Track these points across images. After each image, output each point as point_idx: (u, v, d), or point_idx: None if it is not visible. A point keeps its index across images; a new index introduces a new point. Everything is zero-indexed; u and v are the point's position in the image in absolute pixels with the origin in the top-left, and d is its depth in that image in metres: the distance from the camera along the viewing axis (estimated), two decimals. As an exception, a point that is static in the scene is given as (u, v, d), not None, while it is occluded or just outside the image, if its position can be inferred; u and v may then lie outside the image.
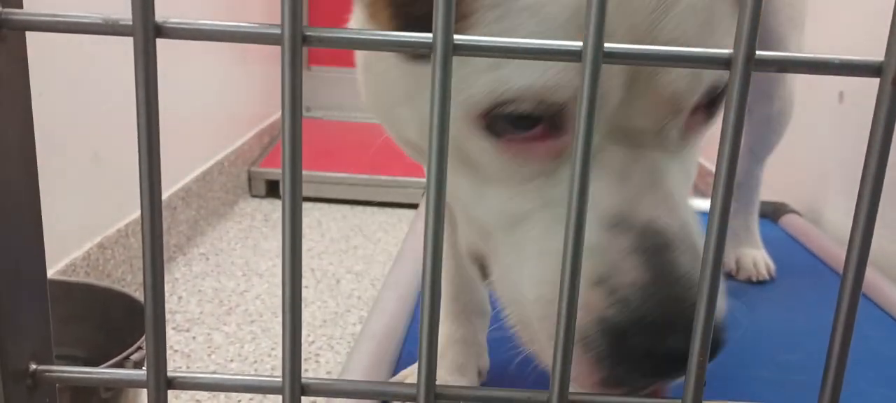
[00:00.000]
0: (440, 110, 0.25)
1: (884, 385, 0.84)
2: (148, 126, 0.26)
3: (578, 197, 0.26)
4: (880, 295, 1.05)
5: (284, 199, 0.26)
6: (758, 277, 1.12)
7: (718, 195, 0.26)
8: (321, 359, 1.34)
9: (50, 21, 0.26)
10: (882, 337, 0.96)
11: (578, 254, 0.27)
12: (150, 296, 0.28)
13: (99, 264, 1.40)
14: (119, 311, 1.01)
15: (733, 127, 0.25)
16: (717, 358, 0.37)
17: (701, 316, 0.27)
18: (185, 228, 1.80)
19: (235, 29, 0.25)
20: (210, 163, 1.98)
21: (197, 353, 1.34)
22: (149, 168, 0.26)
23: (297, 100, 0.25)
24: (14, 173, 0.30)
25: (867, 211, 0.26)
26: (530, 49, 0.26)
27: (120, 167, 1.45)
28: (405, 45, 0.26)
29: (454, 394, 0.29)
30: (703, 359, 0.27)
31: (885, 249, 1.22)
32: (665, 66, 0.28)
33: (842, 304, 0.27)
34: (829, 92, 1.46)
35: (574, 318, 0.27)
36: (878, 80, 0.25)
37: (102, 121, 1.40)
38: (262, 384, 0.29)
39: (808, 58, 0.25)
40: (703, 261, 0.27)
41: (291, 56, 0.25)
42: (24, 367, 0.31)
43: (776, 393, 0.81)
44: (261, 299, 1.56)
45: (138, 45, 0.25)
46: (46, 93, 1.21)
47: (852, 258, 0.27)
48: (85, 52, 1.33)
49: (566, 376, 0.28)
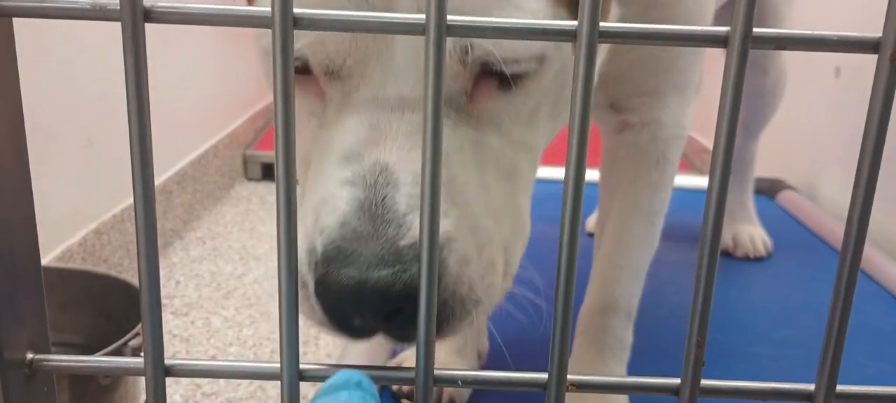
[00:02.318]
0: (434, 93, 0.25)
1: (880, 359, 0.85)
2: (138, 111, 0.25)
3: (574, 197, 0.26)
4: (876, 269, 1.06)
5: (278, 182, 0.26)
6: (755, 254, 1.12)
7: (716, 173, 0.26)
8: (320, 342, 1.35)
9: (37, 7, 0.26)
10: (878, 312, 0.96)
11: (574, 254, 0.26)
12: (145, 287, 0.27)
13: (95, 250, 1.39)
14: (117, 297, 1.01)
15: (731, 105, 0.25)
16: (714, 338, 0.36)
17: (699, 297, 0.27)
18: (181, 212, 1.80)
19: (225, 12, 0.25)
20: (205, 146, 1.97)
21: (196, 337, 1.34)
22: (140, 152, 0.26)
23: (290, 84, 0.25)
24: (5, 161, 0.30)
25: (865, 186, 0.26)
26: (525, 28, 0.26)
27: (114, 152, 1.44)
28: (394, 26, 0.26)
29: (453, 377, 0.29)
30: (701, 339, 0.27)
31: (880, 224, 1.22)
32: (661, 44, 0.27)
33: (841, 280, 0.27)
34: (826, 67, 1.46)
35: (570, 307, 0.27)
36: (876, 56, 0.25)
37: (95, 106, 1.39)
38: (260, 370, 0.29)
39: (805, 35, 0.25)
40: (702, 238, 0.27)
41: (282, 39, 0.24)
42: (21, 357, 0.31)
43: (774, 369, 0.82)
44: (259, 282, 1.56)
45: (126, 29, 0.24)
46: (38, 79, 1.20)
47: (851, 234, 0.27)
48: (76, 36, 1.32)
49: (564, 359, 0.28)
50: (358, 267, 0.35)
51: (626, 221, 0.67)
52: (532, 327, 0.88)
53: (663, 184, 0.66)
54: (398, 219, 0.36)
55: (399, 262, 0.35)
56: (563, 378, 0.28)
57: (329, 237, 0.36)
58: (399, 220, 0.36)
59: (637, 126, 0.64)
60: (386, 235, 0.36)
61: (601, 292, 0.68)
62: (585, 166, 0.26)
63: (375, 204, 0.36)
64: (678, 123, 0.64)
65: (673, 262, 1.06)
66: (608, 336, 0.68)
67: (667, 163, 0.65)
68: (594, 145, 0.30)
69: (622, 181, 0.67)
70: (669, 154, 0.65)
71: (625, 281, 0.68)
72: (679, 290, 1.00)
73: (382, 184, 0.37)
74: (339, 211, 0.37)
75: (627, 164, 0.66)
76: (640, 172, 0.66)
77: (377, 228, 0.36)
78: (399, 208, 0.36)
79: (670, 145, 0.65)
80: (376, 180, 0.37)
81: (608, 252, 0.68)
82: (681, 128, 0.65)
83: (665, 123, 0.64)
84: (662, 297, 0.97)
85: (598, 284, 0.69)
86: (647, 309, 0.77)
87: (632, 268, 0.68)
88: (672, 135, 0.65)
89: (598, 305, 0.68)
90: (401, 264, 0.35)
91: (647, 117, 0.64)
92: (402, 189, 0.37)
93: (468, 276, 0.38)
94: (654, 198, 0.66)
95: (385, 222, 0.36)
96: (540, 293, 0.53)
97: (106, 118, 1.41)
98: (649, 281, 0.70)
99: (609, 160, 0.68)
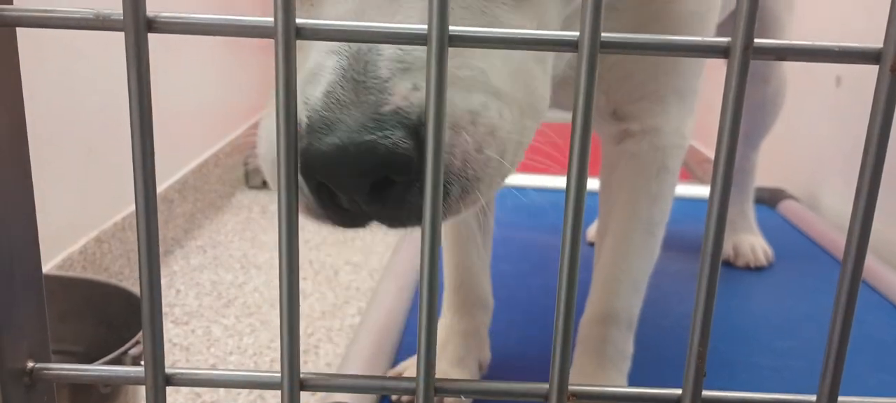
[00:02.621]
0: (436, 103, 0.25)
1: (881, 370, 0.84)
2: (141, 120, 0.25)
3: (575, 206, 0.26)
4: (878, 279, 1.06)
5: (280, 191, 0.26)
6: (756, 263, 1.12)
7: (718, 183, 0.26)
8: (320, 351, 1.35)
9: (40, 16, 0.26)
10: (879, 322, 0.96)
11: (575, 264, 0.26)
12: (146, 297, 0.27)
13: (96, 258, 1.39)
14: (117, 306, 1.01)
15: (732, 115, 0.25)
16: (716, 348, 0.35)
17: (700, 308, 0.27)
18: (182, 221, 1.80)
19: (227, 22, 0.25)
20: (206, 155, 1.97)
21: (196, 346, 1.34)
22: (143, 162, 0.26)
23: (292, 93, 0.25)
24: (7, 170, 0.30)
25: (866, 197, 0.26)
26: (527, 39, 0.26)
27: (115, 161, 1.44)
28: (399, 36, 0.26)
29: (453, 387, 0.29)
30: (703, 349, 0.27)
31: (881, 234, 1.22)
32: (663, 54, 0.27)
33: (842, 290, 0.27)
34: (827, 77, 1.46)
35: (571, 317, 0.27)
36: (877, 67, 0.25)
37: (97, 114, 1.39)
38: (260, 380, 0.29)
39: (806, 45, 0.25)
40: (703, 248, 0.27)
41: (285, 49, 0.24)
42: (21, 366, 0.31)
43: (775, 380, 0.81)
44: (259, 291, 1.56)
45: (130, 39, 0.25)
46: (40, 88, 1.20)
47: (852, 244, 0.27)
48: (78, 46, 1.32)
49: (565, 369, 0.28)
50: (339, 134, 0.34)
51: (627, 232, 0.66)
52: (533, 337, 0.88)
53: (664, 194, 0.66)
54: (380, 85, 0.35)
55: (380, 128, 0.34)
56: (565, 389, 0.28)
57: (313, 107, 0.35)
58: (381, 86, 0.34)
59: (638, 134, 0.64)
60: (367, 101, 0.34)
61: (601, 302, 0.68)
62: (587, 175, 0.26)
63: (358, 71, 0.35)
64: (678, 132, 0.64)
65: (675, 272, 1.06)
66: (609, 346, 0.68)
67: (667, 172, 0.65)
68: (594, 154, 0.30)
69: (622, 191, 0.66)
70: (670, 163, 0.65)
71: (625, 291, 0.67)
72: (682, 300, 1.00)
73: (365, 50, 0.35)
74: (323, 81, 0.35)
75: (628, 174, 0.66)
76: (641, 182, 0.65)
77: (359, 95, 0.34)
78: (381, 73, 0.35)
79: (670, 154, 0.65)
80: (360, 47, 0.35)
81: (608, 262, 0.68)
82: (681, 138, 0.65)
83: (665, 131, 0.64)
84: (666, 307, 0.97)
85: (598, 294, 0.68)
86: (650, 319, 0.77)
87: (632, 279, 0.67)
88: (672, 143, 0.64)
89: (598, 315, 0.68)
90: (382, 130, 0.34)
91: (648, 125, 0.63)
92: (385, 52, 0.35)
93: (460, 147, 0.36)
94: (655, 209, 0.66)
95: (367, 89, 0.35)
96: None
97: (107, 127, 1.41)
98: (652, 291, 0.70)
99: (609, 170, 0.68)
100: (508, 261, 1.08)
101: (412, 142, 0.34)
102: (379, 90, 0.34)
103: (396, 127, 0.34)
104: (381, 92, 0.34)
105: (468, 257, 0.76)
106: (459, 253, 0.76)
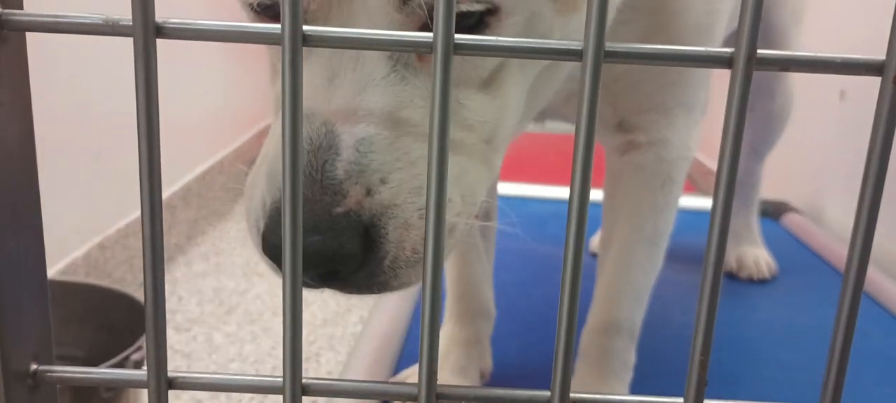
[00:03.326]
0: (441, 110, 0.25)
1: (885, 383, 0.84)
2: (148, 126, 0.26)
3: (578, 216, 0.26)
4: (881, 292, 1.05)
5: (284, 198, 0.26)
6: (759, 276, 1.12)
7: (720, 194, 0.26)
8: (322, 359, 1.34)
9: (50, 22, 0.26)
10: (883, 335, 0.96)
11: (578, 274, 0.27)
12: (150, 297, 0.27)
13: (99, 264, 1.40)
14: (119, 311, 1.01)
15: (735, 126, 0.25)
16: (718, 359, 0.36)
17: (703, 316, 0.27)
18: (185, 228, 1.80)
19: (235, 29, 0.25)
20: (210, 162, 1.98)
21: (197, 353, 1.34)
22: (149, 168, 0.26)
23: (298, 100, 0.25)
24: (14, 173, 0.30)
25: (869, 209, 0.26)
26: (531, 48, 0.26)
27: (120, 167, 1.45)
28: (404, 44, 0.26)
29: (455, 394, 0.29)
30: (704, 358, 0.27)
31: (885, 247, 1.22)
32: (667, 64, 0.28)
33: (843, 302, 0.27)
34: (831, 90, 1.46)
35: (574, 326, 0.27)
36: (880, 79, 0.25)
37: (103, 121, 1.40)
38: (262, 384, 0.29)
39: (809, 56, 0.25)
40: (705, 261, 0.27)
41: (292, 55, 0.25)
42: (25, 368, 0.31)
43: (778, 392, 0.81)
44: (261, 299, 1.56)
45: (138, 45, 0.25)
46: (47, 93, 1.21)
47: (854, 256, 0.27)
48: (86, 52, 1.33)
49: (567, 377, 0.28)
50: None
51: (631, 243, 0.66)
52: (535, 347, 0.87)
53: (668, 205, 0.66)
54: (335, 186, 0.37)
55: (330, 229, 0.37)
56: (566, 397, 0.28)
57: (274, 197, 0.39)
58: (336, 187, 0.37)
59: (644, 146, 0.64)
60: (322, 201, 0.37)
61: (604, 312, 0.68)
62: (590, 185, 0.26)
63: (316, 169, 0.38)
64: (684, 144, 0.64)
65: (679, 283, 1.06)
66: (611, 356, 0.68)
67: (672, 184, 0.65)
68: (597, 164, 0.30)
69: (627, 202, 0.66)
70: (675, 175, 0.65)
71: (628, 302, 0.67)
72: (685, 311, 1.00)
73: (325, 147, 0.38)
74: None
75: (632, 186, 0.66)
76: (646, 194, 0.65)
77: (315, 193, 0.37)
78: (337, 174, 0.38)
79: (676, 166, 0.65)
80: (321, 144, 0.38)
81: (611, 273, 0.68)
82: (687, 150, 0.65)
83: (672, 143, 0.64)
84: (669, 318, 0.97)
85: (600, 305, 0.68)
86: (654, 330, 0.77)
87: (635, 290, 0.67)
88: (678, 156, 0.64)
89: (600, 325, 0.68)
90: (332, 231, 0.37)
91: (655, 136, 0.64)
92: (343, 154, 0.38)
93: (410, 241, 0.39)
94: (659, 220, 0.66)
95: (323, 189, 0.37)
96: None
97: (113, 133, 1.42)
98: (656, 301, 0.70)
99: (613, 181, 0.68)
100: (510, 271, 1.08)
101: (358, 241, 0.38)
102: (333, 191, 0.37)
103: (345, 230, 0.37)
104: (335, 193, 0.37)
105: (470, 266, 0.76)
106: (462, 262, 0.76)
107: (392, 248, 0.39)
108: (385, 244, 0.39)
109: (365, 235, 0.38)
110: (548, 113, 0.65)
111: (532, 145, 2.40)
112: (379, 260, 0.39)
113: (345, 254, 0.37)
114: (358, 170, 0.38)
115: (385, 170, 0.39)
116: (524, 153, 2.36)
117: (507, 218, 0.84)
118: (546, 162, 2.19)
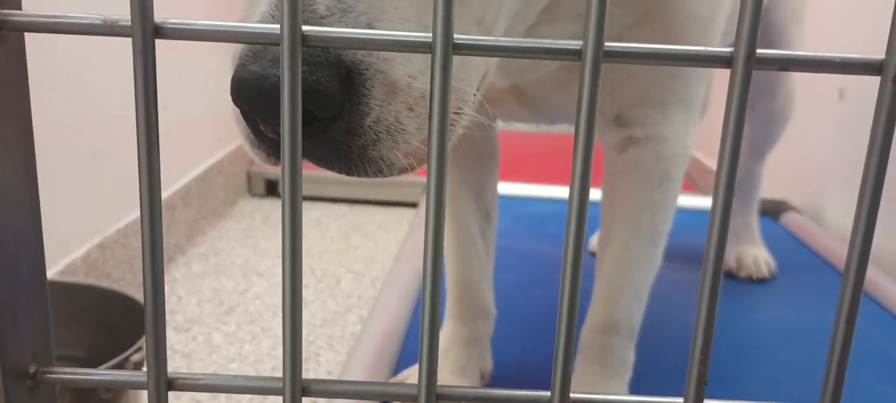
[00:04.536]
0: (441, 110, 0.25)
1: (885, 382, 0.84)
2: (147, 126, 0.26)
3: (578, 215, 0.26)
4: (881, 292, 1.05)
5: (284, 198, 0.26)
6: (758, 275, 1.12)
7: (720, 194, 0.26)
8: (321, 359, 1.34)
9: (49, 22, 0.26)
10: (883, 335, 0.96)
11: (578, 273, 0.27)
12: (149, 298, 0.27)
13: (98, 264, 1.40)
14: (119, 312, 1.01)
15: (734, 126, 0.25)
16: (718, 359, 0.35)
17: (702, 316, 0.27)
18: (184, 228, 1.80)
19: (234, 29, 0.25)
20: (209, 162, 1.98)
21: (197, 353, 1.34)
22: (148, 168, 0.26)
23: (296, 100, 0.25)
24: (13, 174, 0.30)
25: (868, 209, 0.26)
26: (530, 48, 0.26)
27: (119, 167, 1.45)
28: (405, 44, 0.26)
29: (455, 394, 0.29)
30: (704, 358, 0.27)
31: (885, 247, 1.22)
32: (665, 64, 0.28)
33: (843, 302, 0.27)
34: (830, 89, 1.46)
35: (573, 326, 0.27)
36: (879, 78, 0.25)
37: (102, 121, 1.40)
38: (262, 385, 0.29)
39: (808, 56, 0.25)
40: (705, 260, 0.27)
41: (290, 56, 0.25)
42: (24, 368, 0.31)
43: (778, 392, 0.81)
44: (260, 299, 1.56)
45: (137, 45, 0.25)
46: (46, 93, 1.21)
47: (853, 256, 0.27)
48: (85, 52, 1.33)
49: (567, 376, 0.28)
50: (262, 63, 0.33)
51: (629, 241, 0.66)
52: (535, 347, 0.87)
53: (666, 203, 0.66)
54: (315, 21, 0.34)
55: (306, 62, 0.32)
56: (566, 396, 0.28)
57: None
58: (316, 22, 0.34)
59: (641, 142, 0.64)
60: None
61: (603, 312, 0.68)
62: (590, 185, 0.26)
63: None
64: (682, 142, 0.64)
65: (679, 283, 1.06)
66: (610, 355, 0.68)
67: (670, 182, 0.65)
68: (596, 164, 0.30)
69: (625, 200, 0.66)
70: (673, 173, 0.65)
71: (626, 301, 0.67)
72: (684, 310, 1.00)
73: None
74: (259, 10, 0.35)
75: (630, 184, 0.66)
76: (644, 192, 0.65)
77: None
78: (318, 9, 0.34)
79: (674, 164, 0.65)
80: None
81: (610, 272, 0.68)
82: (684, 148, 0.65)
83: (669, 140, 0.64)
84: (668, 318, 0.97)
85: (599, 304, 0.68)
86: (653, 330, 0.77)
87: (634, 289, 0.67)
88: (676, 153, 0.64)
89: (599, 325, 0.68)
90: (308, 64, 0.33)
91: (652, 132, 0.63)
92: None
93: (395, 107, 0.36)
94: (657, 218, 0.66)
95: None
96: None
97: (112, 133, 1.41)
98: (655, 301, 0.70)
99: (611, 179, 0.68)
100: (510, 271, 1.08)
101: (336, 81, 0.33)
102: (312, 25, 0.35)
103: (322, 65, 0.33)
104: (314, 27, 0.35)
105: (470, 266, 0.76)
106: (462, 262, 0.76)
107: (375, 106, 0.35)
108: (368, 98, 0.35)
109: (346, 80, 0.34)
110: (539, 106, 0.65)
111: (532, 145, 2.40)
112: (360, 115, 0.35)
113: (322, 90, 0.33)
114: (342, 7, 0.34)
115: (372, 15, 0.35)
116: (524, 153, 2.36)
117: (505, 218, 0.83)
118: (545, 161, 2.19)
